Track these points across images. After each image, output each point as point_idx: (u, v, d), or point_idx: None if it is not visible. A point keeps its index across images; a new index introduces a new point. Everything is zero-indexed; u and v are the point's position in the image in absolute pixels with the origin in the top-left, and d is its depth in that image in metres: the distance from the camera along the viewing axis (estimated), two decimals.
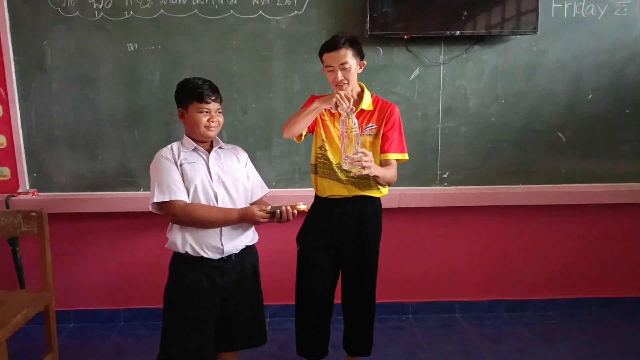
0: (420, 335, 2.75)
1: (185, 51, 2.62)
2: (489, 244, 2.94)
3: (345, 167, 1.85)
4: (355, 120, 1.82)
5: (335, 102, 1.81)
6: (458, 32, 2.57)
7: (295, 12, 2.61)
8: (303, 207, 1.81)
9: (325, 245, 2.10)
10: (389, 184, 2.06)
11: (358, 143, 1.82)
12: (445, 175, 2.80)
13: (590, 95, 2.75)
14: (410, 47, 2.67)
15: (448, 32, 2.57)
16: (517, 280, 2.98)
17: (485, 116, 2.75)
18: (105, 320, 2.88)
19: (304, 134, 2.05)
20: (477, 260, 2.95)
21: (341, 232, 2.07)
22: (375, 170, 1.86)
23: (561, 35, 2.68)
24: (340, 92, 1.81)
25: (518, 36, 2.65)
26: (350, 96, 1.82)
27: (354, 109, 1.86)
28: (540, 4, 2.55)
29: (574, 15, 2.66)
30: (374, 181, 1.99)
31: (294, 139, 2.06)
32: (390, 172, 1.99)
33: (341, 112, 1.81)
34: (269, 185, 2.53)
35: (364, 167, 1.79)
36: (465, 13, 2.55)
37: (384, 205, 2.64)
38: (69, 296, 2.83)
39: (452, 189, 2.80)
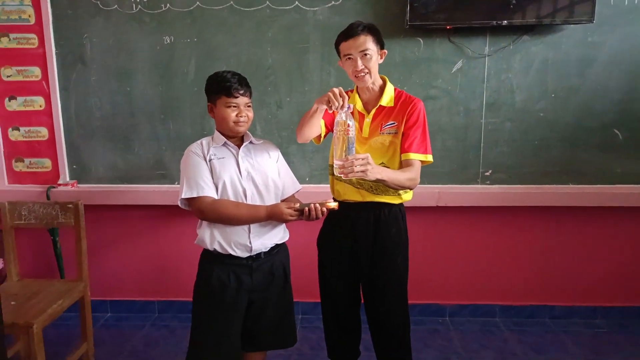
0: (457, 340, 2.64)
1: (220, 43, 2.59)
2: (534, 246, 2.78)
3: (335, 172, 1.65)
4: (352, 122, 1.62)
5: (328, 100, 1.63)
6: (505, 21, 2.41)
7: (332, 2, 2.52)
8: (333, 204, 1.72)
9: (343, 255, 1.93)
10: (408, 189, 1.84)
11: (352, 147, 1.61)
12: (487, 174, 2.66)
13: None
14: (452, 38, 2.54)
15: (494, 22, 2.42)
16: (563, 285, 2.81)
17: (532, 112, 2.58)
18: (139, 310, 2.92)
19: (322, 135, 1.92)
20: (521, 262, 2.80)
21: (355, 242, 1.90)
22: (377, 173, 1.64)
23: (619, 25, 2.48)
24: (334, 89, 1.62)
25: (571, 26, 2.47)
26: (344, 94, 1.62)
27: (351, 107, 1.66)
28: None
29: (636, 2, 2.45)
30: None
31: (314, 141, 1.93)
32: (405, 175, 1.76)
33: (335, 111, 1.64)
34: (302, 181, 2.48)
35: (361, 172, 1.58)
36: (514, 1, 2.39)
37: (421, 203, 2.57)
38: (106, 286, 2.89)
39: (495, 187, 2.65)
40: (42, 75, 2.64)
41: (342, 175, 1.62)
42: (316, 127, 1.82)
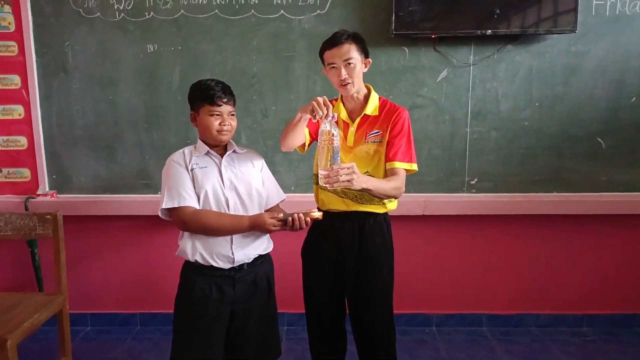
0: (444, 350, 2.61)
1: (205, 52, 2.57)
2: (520, 255, 2.77)
3: (320, 183, 1.62)
4: (336, 130, 1.59)
5: (312, 109, 1.61)
6: (490, 31, 2.42)
7: (318, 11, 2.52)
8: (317, 214, 1.70)
9: (328, 265, 1.91)
10: (393, 198, 1.83)
11: (337, 157, 1.59)
12: (473, 182, 2.66)
13: (634, 99, 2.55)
14: (438, 47, 2.54)
15: (479, 31, 2.43)
16: (550, 293, 2.80)
17: (517, 120, 2.59)
18: (121, 323, 2.85)
19: (307, 143, 1.90)
20: (507, 271, 2.79)
21: (340, 252, 1.88)
22: (362, 182, 1.62)
23: (603, 34, 2.50)
24: (318, 98, 1.60)
25: (555, 35, 2.49)
26: (328, 103, 1.60)
27: (335, 116, 1.64)
28: (580, 1, 2.38)
29: (617, 12, 2.48)
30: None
31: (298, 150, 1.91)
32: (391, 184, 1.74)
33: (320, 120, 1.61)
34: (288, 190, 2.45)
35: (347, 181, 1.56)
36: (498, 11, 2.40)
37: (407, 211, 2.56)
38: (86, 299, 2.82)
39: (481, 196, 2.65)
40: (22, 84, 2.59)
41: (327, 186, 1.59)
42: (300, 135, 1.80)
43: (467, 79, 2.57)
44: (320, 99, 1.61)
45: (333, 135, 1.58)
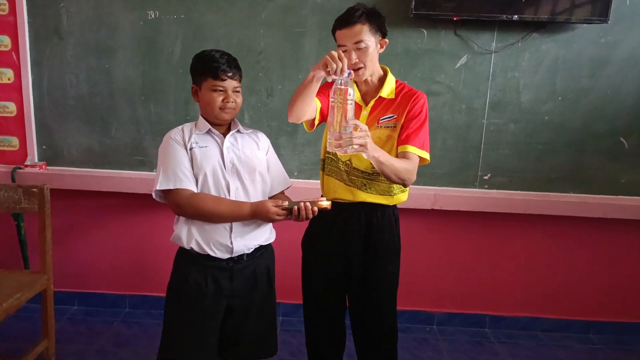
0: (446, 352, 2.50)
1: (209, 23, 2.40)
2: (531, 256, 2.65)
3: (329, 148, 1.46)
4: (352, 90, 1.44)
5: (325, 63, 1.43)
6: (516, 16, 2.26)
7: None
8: (326, 203, 1.55)
9: (331, 258, 1.78)
10: (403, 183, 1.64)
11: (351, 120, 1.43)
12: (486, 177, 2.52)
13: None
14: (459, 31, 2.38)
15: (504, 16, 2.26)
16: (558, 297, 2.69)
17: (538, 114, 2.44)
18: (109, 305, 2.73)
19: (316, 122, 1.73)
20: (515, 272, 2.67)
21: (345, 246, 1.76)
22: (374, 150, 1.48)
23: (636, 26, 2.34)
24: (332, 52, 1.43)
25: (585, 25, 2.33)
26: (343, 57, 1.42)
27: (352, 73, 1.48)
28: None
29: None
30: (380, 174, 1.59)
31: (305, 126, 1.76)
32: (402, 164, 1.58)
33: (334, 77, 1.43)
34: (291, 176, 2.31)
35: (360, 145, 1.41)
36: None
37: (416, 204, 2.43)
38: (74, 277, 2.70)
39: (494, 192, 2.51)
40: (12, 46, 2.41)
41: (338, 150, 1.44)
42: (310, 102, 1.60)
43: (487, 67, 2.41)
44: (334, 53, 1.43)
45: (348, 94, 1.42)
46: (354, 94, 1.46)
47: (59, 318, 2.48)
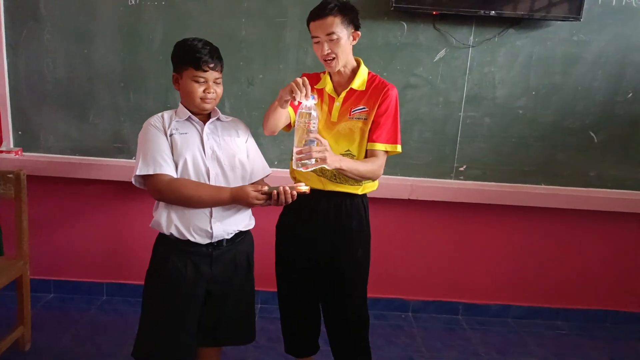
0: (420, 338, 2.57)
1: (191, 10, 2.39)
2: (503, 245, 2.73)
3: (294, 166, 1.56)
4: (315, 113, 1.53)
5: (290, 89, 1.52)
6: (493, 12, 2.31)
7: None
8: (304, 188, 1.58)
9: (301, 245, 1.83)
10: (370, 179, 1.76)
11: (313, 142, 1.52)
12: (462, 169, 2.58)
13: (631, 94, 2.50)
14: (437, 25, 2.42)
15: (482, 12, 2.32)
16: (528, 285, 2.79)
17: (512, 108, 2.51)
18: (86, 292, 2.72)
19: (292, 122, 1.78)
20: (488, 261, 2.75)
21: (313, 233, 1.80)
22: (335, 161, 1.56)
23: (607, 25, 2.42)
24: (297, 79, 1.52)
25: (559, 22, 2.40)
26: (307, 84, 1.51)
27: (316, 98, 1.55)
28: None
29: (623, 3, 2.39)
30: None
31: (282, 130, 1.81)
32: (366, 166, 1.68)
33: (301, 101, 1.52)
34: (271, 165, 2.30)
35: (317, 160, 1.50)
36: None
37: (393, 194, 2.48)
38: (50, 265, 2.67)
39: (469, 184, 2.58)
40: None
41: (301, 168, 1.53)
42: (282, 118, 1.71)
43: (464, 61, 2.47)
44: (299, 80, 1.52)
45: (311, 117, 1.51)
46: (317, 117, 1.55)
47: (35, 305, 2.46)
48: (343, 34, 1.63)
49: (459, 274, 2.77)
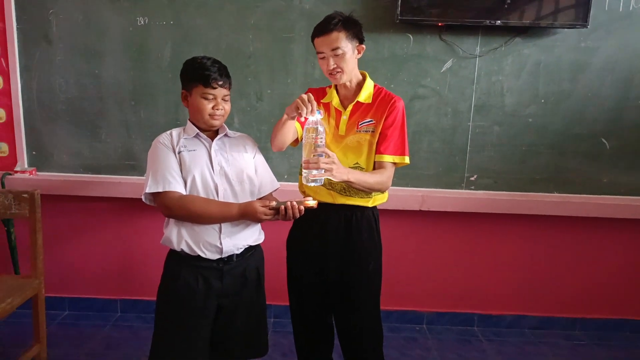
0: (435, 350, 2.54)
1: (199, 27, 2.43)
2: (517, 255, 2.70)
3: (304, 182, 1.57)
4: (322, 128, 1.54)
5: (296, 107, 1.54)
6: (499, 21, 2.32)
7: None
8: (312, 203, 1.59)
9: (311, 259, 1.81)
10: (379, 191, 1.76)
11: (321, 156, 1.53)
12: (473, 179, 2.57)
13: None
14: (444, 36, 2.43)
15: (487, 21, 2.32)
16: (544, 295, 2.75)
17: (521, 116, 2.50)
18: (100, 309, 2.74)
19: (299, 137, 1.79)
20: (502, 271, 2.72)
21: (323, 247, 1.79)
22: (343, 174, 1.56)
23: (614, 31, 2.41)
24: (303, 95, 1.53)
25: (565, 30, 2.39)
26: (313, 100, 1.52)
27: (321, 113, 1.55)
28: None
29: (630, 9, 2.38)
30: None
31: (290, 145, 1.81)
32: (375, 178, 1.68)
33: (307, 117, 1.53)
34: (281, 179, 2.33)
35: (326, 170, 1.51)
36: (508, 1, 2.30)
37: (404, 206, 2.48)
38: (65, 282, 2.70)
39: (480, 193, 2.56)
40: (1, 52, 2.43)
41: (311, 183, 1.55)
42: (289, 134, 1.73)
43: (472, 71, 2.47)
44: (304, 96, 1.53)
45: (318, 132, 1.53)
46: (324, 132, 1.56)
47: (50, 323, 2.48)
48: (348, 48, 1.64)
49: (473, 284, 2.74)
